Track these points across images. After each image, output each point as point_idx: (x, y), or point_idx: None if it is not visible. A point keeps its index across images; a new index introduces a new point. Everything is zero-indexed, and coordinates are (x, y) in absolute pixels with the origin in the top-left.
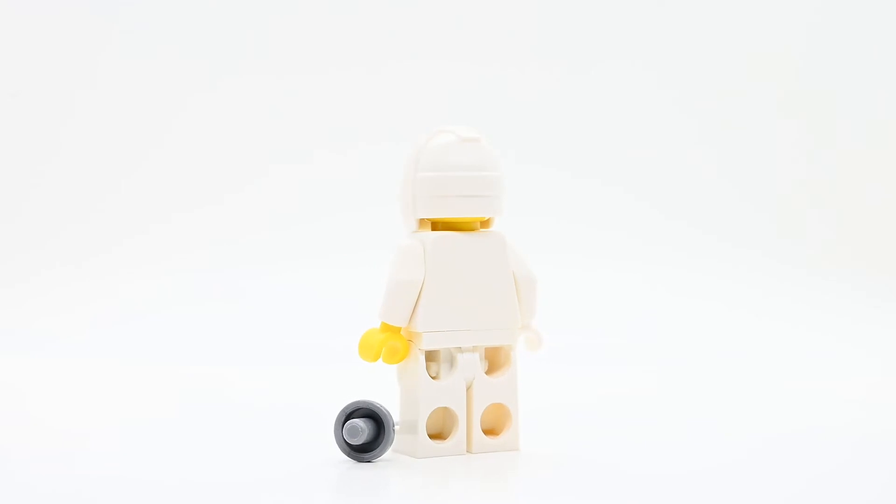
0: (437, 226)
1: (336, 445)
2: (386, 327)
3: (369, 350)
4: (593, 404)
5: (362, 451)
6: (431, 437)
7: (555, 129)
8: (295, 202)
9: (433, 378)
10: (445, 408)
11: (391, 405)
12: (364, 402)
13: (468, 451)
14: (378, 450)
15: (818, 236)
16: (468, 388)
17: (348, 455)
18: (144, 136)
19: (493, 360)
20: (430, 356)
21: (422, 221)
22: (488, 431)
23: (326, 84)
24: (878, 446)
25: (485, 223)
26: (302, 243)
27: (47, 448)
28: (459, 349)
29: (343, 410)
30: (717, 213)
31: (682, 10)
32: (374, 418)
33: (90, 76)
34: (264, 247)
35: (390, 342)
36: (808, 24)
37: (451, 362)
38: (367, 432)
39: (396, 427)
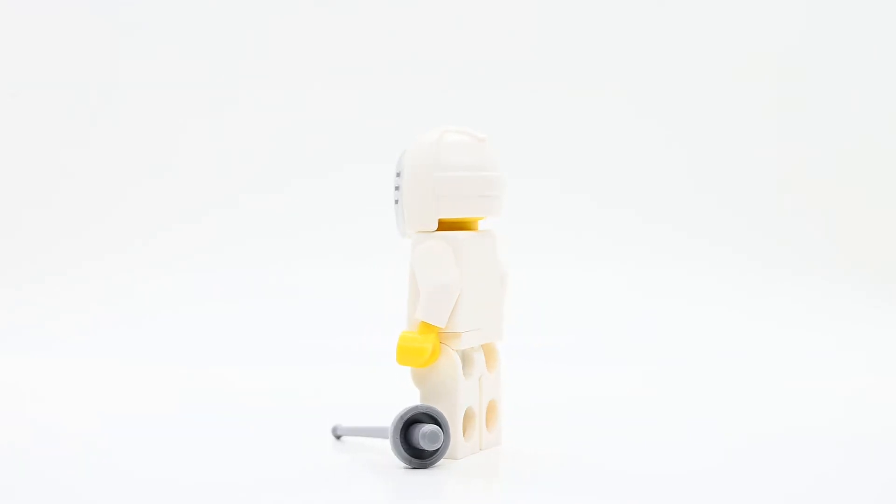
0: (442, 225)
1: (395, 452)
2: (427, 328)
3: (420, 354)
4: (592, 404)
5: (422, 455)
6: None
7: (551, 131)
8: (294, 203)
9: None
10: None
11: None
12: (423, 406)
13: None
14: (438, 454)
15: (816, 237)
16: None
17: (407, 462)
18: (147, 140)
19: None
20: None
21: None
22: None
23: (327, 89)
24: (876, 446)
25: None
26: (302, 244)
27: (48, 448)
28: (473, 347)
29: (401, 417)
30: (712, 215)
31: (669, 11)
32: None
33: (93, 86)
34: (265, 247)
35: (434, 344)
36: (801, 25)
37: (464, 361)
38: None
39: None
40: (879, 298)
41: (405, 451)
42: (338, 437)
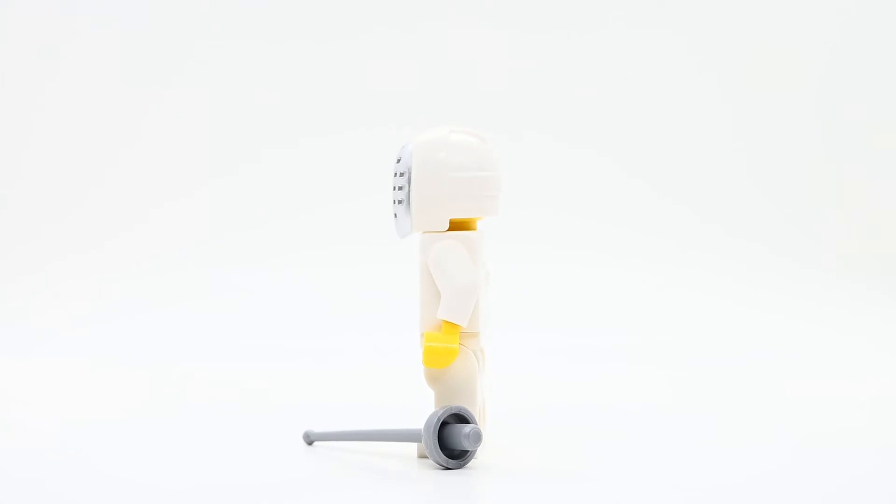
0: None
1: (433, 454)
2: (452, 328)
3: (451, 355)
4: (593, 404)
5: (457, 456)
6: None
7: (560, 122)
8: (285, 200)
9: None
10: None
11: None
12: (454, 407)
13: None
14: (472, 453)
15: (837, 236)
16: None
17: (445, 463)
18: (134, 130)
19: None
20: None
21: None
22: None
23: (323, 76)
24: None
25: None
26: (293, 241)
27: (40, 448)
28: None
29: (438, 418)
30: (730, 211)
31: (696, 4)
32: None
33: (79, 72)
34: (258, 245)
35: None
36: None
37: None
38: None
39: None
40: None
41: (442, 451)
42: (309, 444)
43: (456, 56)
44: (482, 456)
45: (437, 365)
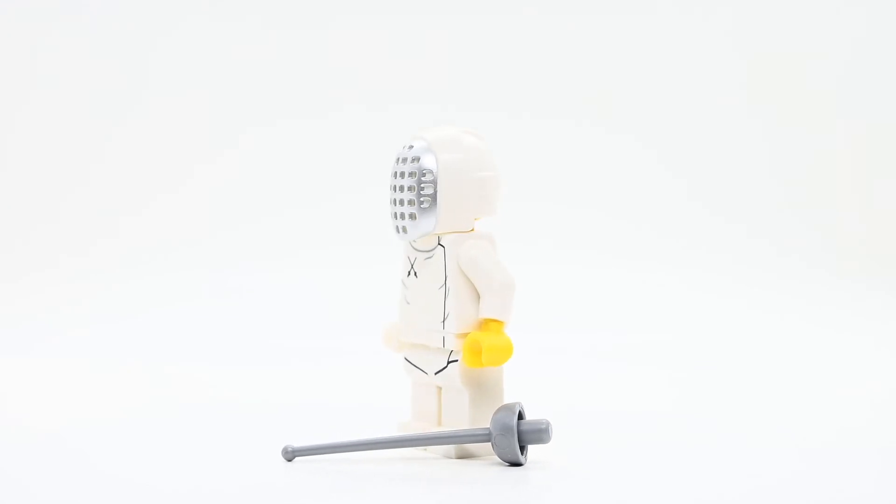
0: None
1: (511, 451)
2: (499, 327)
3: (510, 352)
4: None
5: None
6: None
7: (559, 122)
8: (285, 201)
9: None
10: None
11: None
12: (517, 404)
13: None
14: (527, 448)
15: (838, 236)
16: None
17: (521, 460)
18: (130, 128)
19: None
20: None
21: None
22: None
23: (323, 76)
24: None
25: None
26: (293, 241)
27: (40, 448)
28: None
29: (512, 413)
30: (731, 211)
31: (693, 9)
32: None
33: (71, 69)
34: (258, 245)
35: None
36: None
37: None
38: None
39: None
40: None
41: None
42: (289, 460)
43: (455, 53)
44: (489, 457)
45: (498, 363)
